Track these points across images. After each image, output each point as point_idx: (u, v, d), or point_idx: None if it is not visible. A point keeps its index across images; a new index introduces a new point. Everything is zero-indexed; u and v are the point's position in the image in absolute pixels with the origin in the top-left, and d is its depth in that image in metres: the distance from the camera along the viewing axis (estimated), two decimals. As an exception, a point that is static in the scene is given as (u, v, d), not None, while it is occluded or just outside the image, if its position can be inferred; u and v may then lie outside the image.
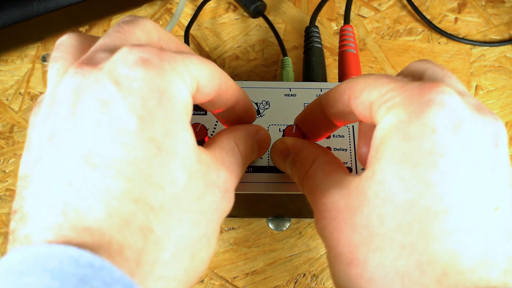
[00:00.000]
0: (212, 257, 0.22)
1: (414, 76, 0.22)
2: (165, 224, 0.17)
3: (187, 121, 0.19)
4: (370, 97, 0.21)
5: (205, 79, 0.20)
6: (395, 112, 0.19)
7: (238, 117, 0.26)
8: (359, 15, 0.45)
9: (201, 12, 0.43)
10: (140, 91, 0.17)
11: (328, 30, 0.44)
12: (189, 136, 0.19)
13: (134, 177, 0.17)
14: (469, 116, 0.19)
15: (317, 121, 0.26)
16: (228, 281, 0.33)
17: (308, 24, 0.41)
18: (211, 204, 0.20)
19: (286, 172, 0.27)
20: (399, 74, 0.23)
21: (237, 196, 0.30)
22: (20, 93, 0.40)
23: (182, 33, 0.43)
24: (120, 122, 0.17)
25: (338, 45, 0.40)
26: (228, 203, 0.21)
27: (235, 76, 0.41)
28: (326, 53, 0.42)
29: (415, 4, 0.45)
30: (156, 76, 0.18)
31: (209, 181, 0.20)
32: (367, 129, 0.24)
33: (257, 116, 0.32)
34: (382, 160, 0.19)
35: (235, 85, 0.23)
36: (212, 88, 0.21)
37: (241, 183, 0.30)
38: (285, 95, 0.33)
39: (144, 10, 0.45)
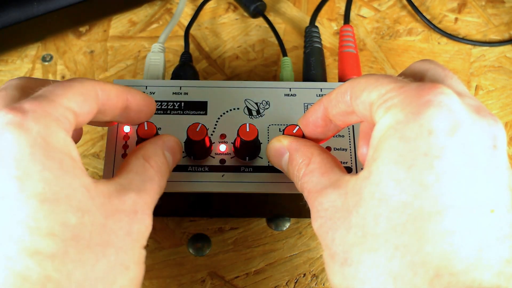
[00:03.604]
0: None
1: (415, 76, 0.22)
2: (63, 268, 0.18)
3: (70, 162, 0.19)
4: (370, 97, 0.21)
5: (80, 105, 0.21)
6: (393, 113, 0.19)
7: (137, 113, 0.25)
8: (359, 15, 0.45)
9: (201, 12, 0.43)
10: (10, 153, 0.18)
11: (328, 30, 0.44)
12: (75, 177, 0.19)
13: (23, 234, 0.18)
14: (467, 118, 0.19)
15: (319, 122, 0.26)
16: (228, 281, 0.33)
17: (308, 24, 0.41)
18: (119, 231, 0.20)
19: (282, 170, 0.27)
20: (401, 74, 0.23)
21: (237, 196, 0.31)
22: (20, 93, 0.40)
23: (182, 33, 0.43)
24: (2, 189, 0.18)
25: (338, 45, 0.40)
26: (141, 223, 0.21)
27: (235, 76, 0.41)
28: (326, 53, 0.42)
29: (415, 4, 0.45)
30: (23, 134, 0.18)
31: (111, 210, 0.20)
32: (368, 129, 0.24)
33: (257, 116, 0.32)
34: (379, 160, 0.19)
35: (115, 88, 0.23)
36: (91, 106, 0.22)
37: (242, 183, 0.30)
38: (285, 95, 0.33)
39: (144, 10, 0.45)
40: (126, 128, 0.31)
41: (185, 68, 0.37)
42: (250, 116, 0.32)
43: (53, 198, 0.18)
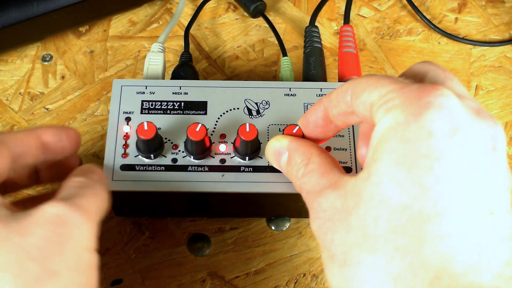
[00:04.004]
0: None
1: (416, 77, 0.22)
2: None
3: None
4: (370, 97, 0.21)
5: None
6: (393, 114, 0.19)
7: (59, 147, 0.27)
8: (359, 15, 0.45)
9: (201, 12, 0.43)
10: None
11: (328, 30, 0.44)
12: None
13: None
14: (467, 120, 0.19)
15: (320, 122, 0.26)
16: (228, 281, 0.33)
17: (308, 24, 0.41)
18: (40, 241, 0.21)
19: (281, 170, 0.27)
20: (402, 75, 0.23)
21: (237, 196, 0.31)
22: (20, 93, 0.40)
23: (182, 33, 0.43)
24: None
25: (338, 45, 0.40)
26: (72, 227, 0.22)
27: (235, 76, 0.41)
28: (326, 53, 0.42)
29: (415, 4, 0.45)
30: None
31: (28, 226, 0.21)
32: (368, 130, 0.24)
33: (257, 116, 0.32)
34: (379, 161, 0.19)
35: (22, 132, 0.25)
36: (4, 158, 0.23)
37: (242, 183, 0.30)
38: (285, 95, 0.33)
39: (144, 10, 0.45)
40: (126, 128, 0.31)
41: (185, 68, 0.37)
42: (250, 116, 0.32)
43: None
